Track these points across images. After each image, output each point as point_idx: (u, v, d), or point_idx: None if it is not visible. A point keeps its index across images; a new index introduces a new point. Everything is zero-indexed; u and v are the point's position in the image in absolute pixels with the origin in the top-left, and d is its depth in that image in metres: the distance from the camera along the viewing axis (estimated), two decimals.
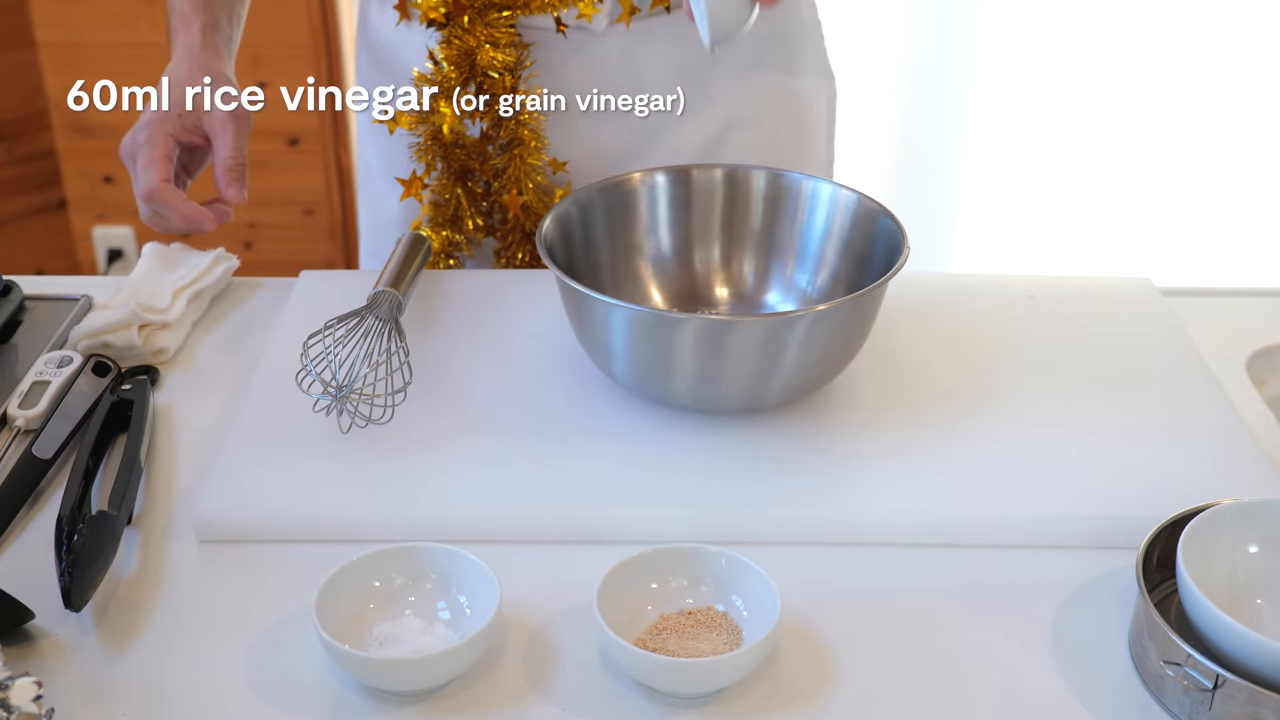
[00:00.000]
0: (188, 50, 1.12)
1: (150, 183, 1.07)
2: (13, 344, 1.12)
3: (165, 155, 1.09)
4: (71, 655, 0.82)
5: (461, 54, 1.16)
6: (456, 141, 1.20)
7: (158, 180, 1.07)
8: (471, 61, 1.16)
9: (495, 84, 1.17)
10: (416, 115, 1.20)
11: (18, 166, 2.66)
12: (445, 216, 1.24)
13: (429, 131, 1.20)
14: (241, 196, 1.11)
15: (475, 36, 1.16)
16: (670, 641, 0.81)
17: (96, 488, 0.95)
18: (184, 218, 1.07)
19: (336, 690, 0.80)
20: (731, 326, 0.96)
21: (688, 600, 0.85)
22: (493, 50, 1.16)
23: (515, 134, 1.19)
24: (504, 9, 1.16)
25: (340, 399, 0.96)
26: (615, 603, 0.81)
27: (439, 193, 1.23)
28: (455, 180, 1.22)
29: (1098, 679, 0.81)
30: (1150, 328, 1.14)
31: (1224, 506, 0.84)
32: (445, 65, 1.17)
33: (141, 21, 2.51)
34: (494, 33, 1.16)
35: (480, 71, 1.17)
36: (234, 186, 1.10)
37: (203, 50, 1.12)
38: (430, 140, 1.20)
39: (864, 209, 1.07)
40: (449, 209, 1.23)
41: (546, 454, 0.97)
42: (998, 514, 0.92)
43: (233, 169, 1.10)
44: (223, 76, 1.12)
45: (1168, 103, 2.57)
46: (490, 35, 1.16)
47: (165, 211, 1.07)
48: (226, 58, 1.15)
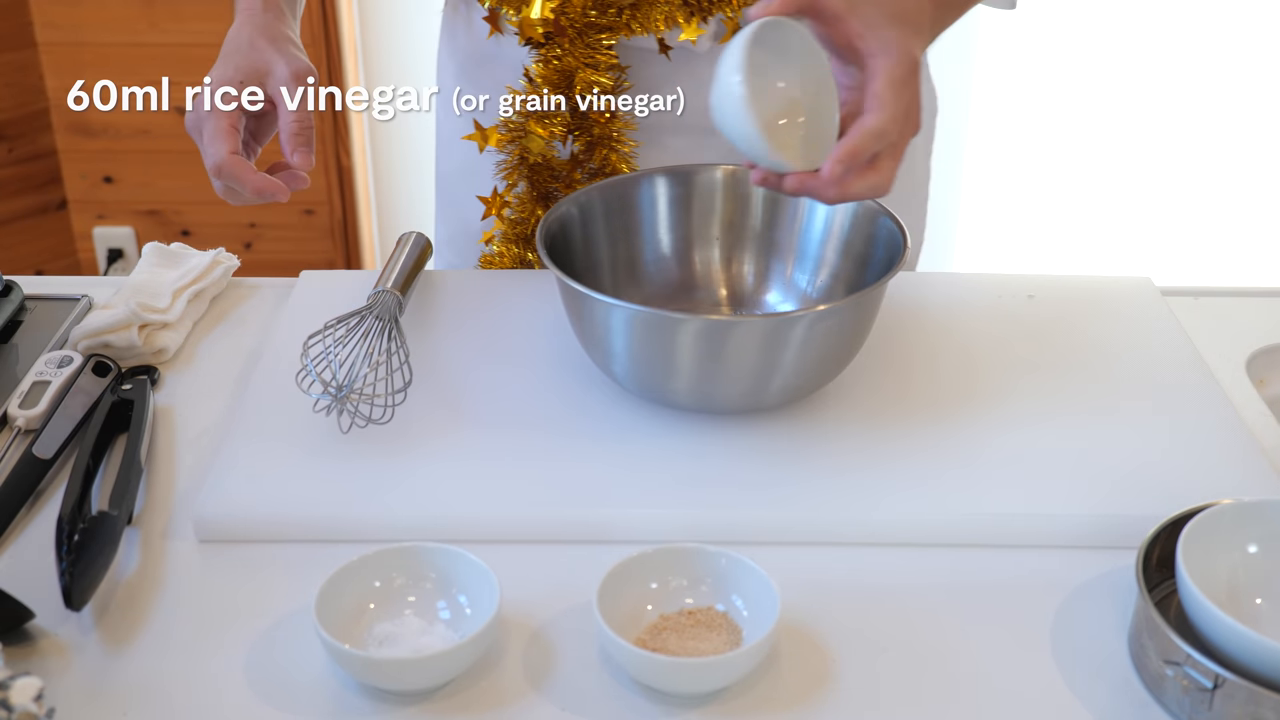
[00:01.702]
0: (249, 13, 1.08)
1: (218, 156, 1.02)
2: (13, 344, 1.12)
3: (231, 125, 1.03)
4: (71, 655, 0.82)
5: (559, 75, 1.14)
6: (545, 163, 1.18)
7: (225, 153, 1.02)
8: (569, 83, 1.14)
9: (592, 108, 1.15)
10: (507, 135, 1.17)
11: (18, 166, 2.66)
12: (521, 234, 1.22)
13: (516, 151, 1.18)
14: (309, 161, 1.05)
15: (575, 58, 1.13)
16: (670, 641, 0.81)
17: (96, 488, 0.95)
18: (255, 190, 1.02)
19: (336, 690, 0.80)
20: (731, 326, 0.96)
21: (688, 600, 0.85)
22: (592, 73, 1.13)
23: (607, 159, 1.17)
24: (606, 30, 1.13)
25: (340, 399, 0.96)
26: (615, 603, 0.81)
27: (518, 210, 1.21)
28: (536, 201, 1.20)
29: (1097, 679, 0.81)
30: (1150, 328, 1.14)
31: (1224, 506, 0.84)
32: (541, 85, 1.15)
33: (141, 21, 2.51)
34: (594, 54, 1.14)
35: (577, 95, 1.14)
36: (300, 151, 1.04)
37: (264, 12, 1.08)
38: (517, 160, 1.18)
39: (864, 209, 1.07)
40: (526, 228, 1.21)
41: (547, 454, 0.97)
42: (998, 514, 0.92)
43: (297, 133, 1.04)
44: (284, 38, 1.07)
45: (1168, 103, 2.57)
46: (590, 57, 1.14)
47: (236, 185, 1.03)
48: (290, 19, 1.11)
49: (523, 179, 1.19)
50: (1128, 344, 1.12)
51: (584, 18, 1.13)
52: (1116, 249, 2.72)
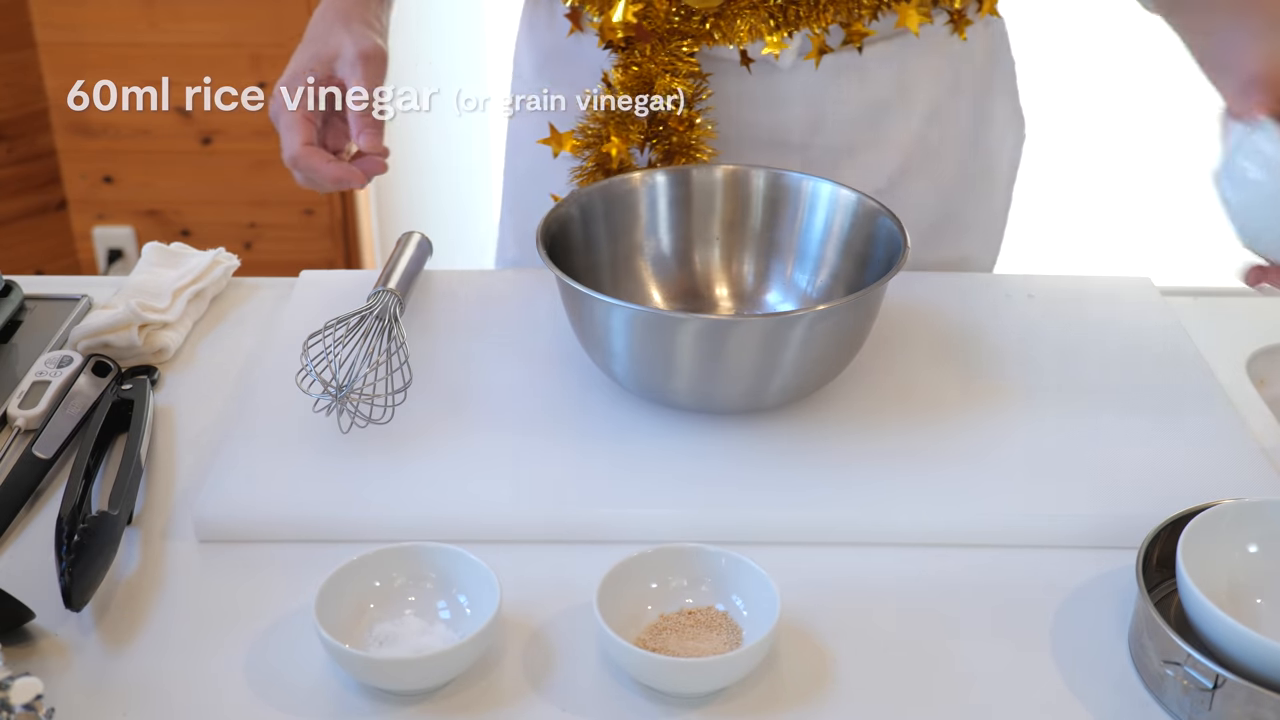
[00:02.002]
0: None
1: (292, 149, 1.03)
2: (13, 344, 1.12)
3: (303, 117, 1.03)
4: (71, 655, 0.82)
5: (638, 80, 1.13)
6: (623, 168, 1.15)
7: (298, 145, 1.02)
8: (648, 89, 1.12)
9: (669, 115, 1.13)
10: (583, 141, 1.15)
11: (18, 166, 2.66)
12: None
13: (594, 158, 1.16)
14: (376, 144, 1.05)
15: (655, 64, 1.12)
16: (670, 641, 0.81)
17: (96, 488, 0.95)
18: (331, 179, 1.03)
19: (336, 690, 0.80)
20: (731, 326, 0.96)
21: (688, 600, 0.85)
22: (672, 79, 1.12)
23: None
24: (688, 37, 1.12)
25: (340, 399, 0.96)
26: (615, 603, 0.81)
27: None
28: None
29: (1098, 679, 0.81)
30: (1150, 328, 1.14)
31: (1224, 506, 0.84)
32: (619, 90, 1.13)
33: (141, 21, 2.51)
34: (675, 61, 1.12)
35: (655, 101, 1.12)
36: (366, 134, 1.04)
37: None
38: (594, 166, 1.16)
39: (864, 209, 1.07)
40: None
41: (546, 454, 0.97)
42: (998, 514, 0.92)
43: (362, 114, 1.04)
44: (358, 18, 1.07)
45: (1168, 103, 2.57)
46: (670, 64, 1.12)
47: (312, 175, 1.03)
48: (375, 3, 1.10)
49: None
50: (1128, 344, 1.12)
51: (667, 23, 1.11)
52: (1116, 249, 2.72)
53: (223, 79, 2.58)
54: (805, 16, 1.11)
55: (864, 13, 1.13)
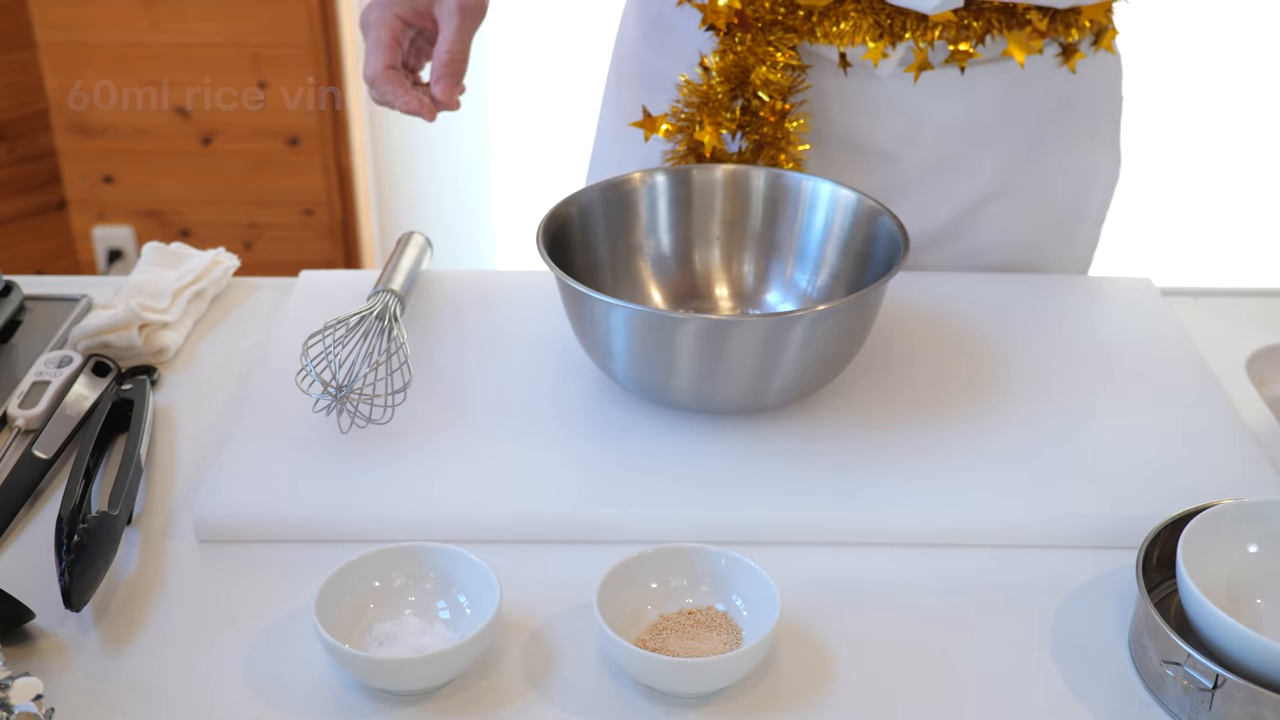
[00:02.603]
0: None
1: (373, 69, 1.05)
2: (13, 344, 1.12)
3: (393, 39, 1.05)
4: (71, 655, 0.82)
5: (736, 68, 1.11)
6: (715, 157, 1.14)
7: (380, 67, 1.04)
8: (744, 77, 1.11)
9: (764, 106, 1.12)
10: (676, 126, 1.14)
11: (18, 166, 2.66)
12: None
13: (685, 142, 1.14)
14: (450, 98, 1.05)
15: (754, 53, 1.10)
16: (670, 641, 0.81)
17: (96, 488, 0.95)
18: (405, 107, 1.05)
19: (336, 690, 0.80)
20: (731, 326, 0.96)
21: (688, 600, 0.85)
22: (769, 70, 1.10)
23: (775, 160, 1.14)
24: (790, 30, 1.11)
25: (340, 399, 0.96)
26: (615, 603, 0.81)
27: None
28: None
29: (1098, 679, 0.81)
30: (1150, 328, 1.14)
31: (1224, 506, 0.84)
32: (715, 77, 1.12)
33: (141, 21, 2.51)
34: (774, 53, 1.10)
35: (751, 90, 1.11)
36: (443, 83, 1.04)
37: None
38: (685, 150, 1.15)
39: (864, 209, 1.07)
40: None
41: (546, 454, 0.97)
42: (998, 514, 0.92)
43: (447, 64, 1.04)
44: None
45: (1167, 103, 2.57)
46: (769, 54, 1.10)
47: (388, 98, 1.05)
48: None
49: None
50: (1128, 344, 1.12)
51: (771, 14, 1.10)
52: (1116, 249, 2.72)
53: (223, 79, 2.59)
54: (911, 29, 1.10)
55: (971, 35, 1.11)
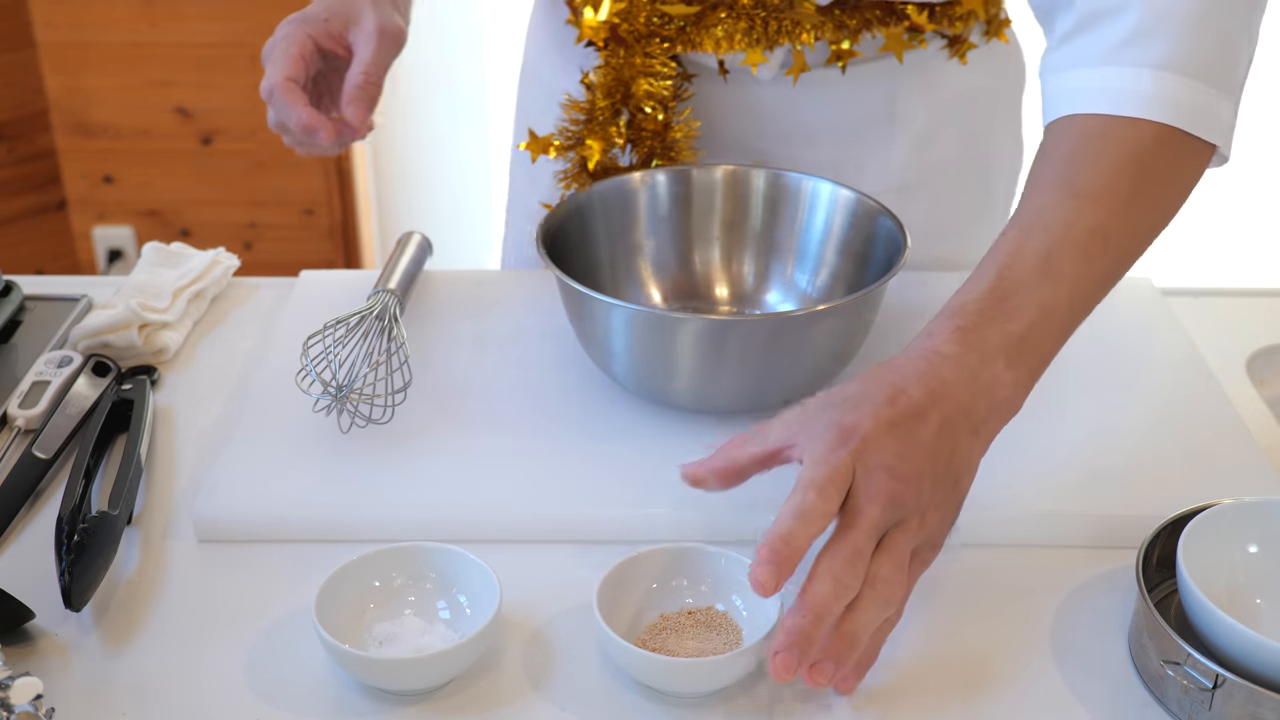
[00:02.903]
0: None
1: (273, 79, 0.98)
2: (13, 344, 1.12)
3: (299, 54, 1.00)
4: (71, 655, 0.82)
5: (616, 82, 1.11)
6: (605, 170, 1.14)
7: (280, 76, 0.98)
8: (626, 90, 1.11)
9: (647, 118, 1.12)
10: (562, 145, 1.14)
11: (18, 166, 2.66)
12: None
13: (576, 160, 1.14)
14: (362, 119, 1.01)
15: (633, 66, 1.10)
16: (670, 641, 0.81)
17: (96, 488, 0.95)
18: (300, 123, 0.97)
19: (336, 690, 0.80)
20: (731, 326, 0.96)
21: (688, 600, 0.85)
22: (649, 82, 1.10)
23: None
24: (666, 40, 1.10)
25: (340, 399, 0.96)
26: (615, 603, 0.81)
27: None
28: None
29: (1098, 679, 0.81)
30: (1150, 328, 1.14)
31: (1224, 506, 0.84)
32: (598, 92, 1.12)
33: (141, 21, 2.51)
34: (652, 63, 1.10)
35: (635, 103, 1.11)
36: (355, 105, 0.99)
37: None
38: (577, 169, 1.15)
39: (864, 209, 1.07)
40: None
41: (546, 454, 0.97)
42: (998, 514, 0.92)
43: (362, 85, 0.99)
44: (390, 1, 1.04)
45: None
46: (649, 66, 1.10)
47: (283, 112, 0.98)
48: None
49: (586, 186, 1.15)
50: (1128, 344, 1.12)
51: (646, 26, 1.10)
52: None
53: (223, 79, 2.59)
54: (786, 32, 1.09)
55: (847, 34, 1.10)
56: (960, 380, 0.77)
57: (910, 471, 0.74)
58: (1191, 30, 0.86)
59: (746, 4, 1.08)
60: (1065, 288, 0.81)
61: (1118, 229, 0.84)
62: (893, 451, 0.74)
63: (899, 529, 0.74)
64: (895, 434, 0.75)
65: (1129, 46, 0.86)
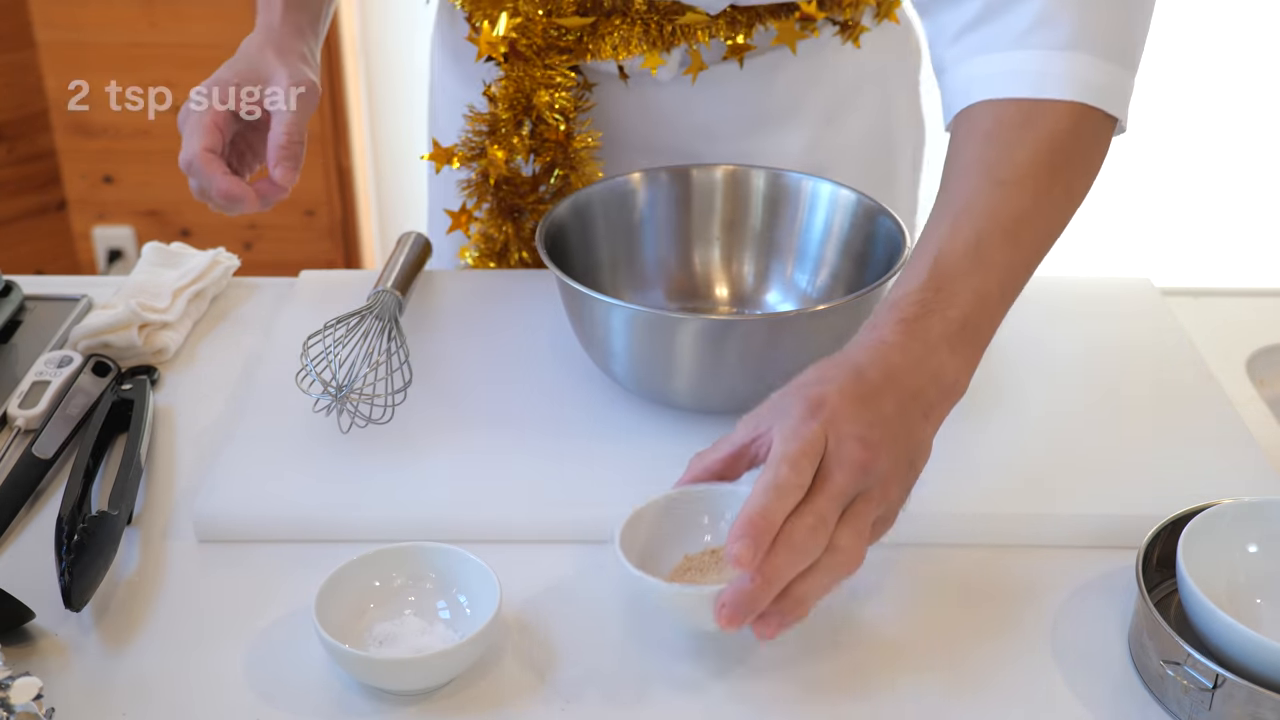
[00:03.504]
0: (266, 27, 1.06)
1: (190, 151, 0.99)
2: (13, 344, 1.12)
3: (214, 124, 1.00)
4: (71, 655, 0.82)
5: (518, 94, 1.12)
6: (507, 180, 1.16)
7: (198, 148, 0.99)
8: (527, 103, 1.12)
9: (550, 129, 1.13)
10: (465, 155, 1.15)
11: (18, 166, 2.66)
12: (493, 250, 1.21)
13: (479, 169, 1.16)
14: (291, 178, 1.02)
15: (533, 78, 1.11)
16: (697, 581, 0.81)
17: (96, 488, 0.95)
18: (222, 192, 0.99)
19: (336, 690, 0.80)
20: (731, 326, 0.96)
21: (706, 538, 0.84)
22: (550, 93, 1.11)
23: (566, 180, 1.15)
24: (565, 52, 1.11)
25: (340, 399, 0.96)
26: (637, 546, 0.80)
27: (487, 226, 1.20)
28: (504, 217, 1.19)
29: (1098, 679, 0.81)
30: (1150, 328, 1.14)
31: (1224, 506, 0.84)
32: (501, 104, 1.13)
33: (141, 21, 2.51)
34: (552, 75, 1.11)
35: (536, 114, 1.13)
36: (283, 165, 1.01)
37: (281, 26, 1.06)
38: (479, 178, 1.17)
39: (864, 209, 1.07)
40: (497, 244, 1.20)
41: (546, 454, 0.97)
42: (998, 514, 0.92)
43: (285, 146, 1.01)
44: (293, 52, 1.05)
45: (1167, 103, 2.57)
46: (548, 77, 1.11)
47: (205, 182, 1.00)
48: (310, 37, 1.08)
49: (488, 196, 1.18)
50: (1128, 344, 1.12)
51: (543, 39, 1.11)
52: (1116, 249, 2.72)
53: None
54: (681, 33, 1.11)
55: (740, 30, 1.12)
56: (909, 366, 0.80)
57: (879, 440, 0.76)
58: (1093, 11, 0.89)
59: (640, 8, 1.10)
60: (995, 275, 0.85)
61: (1041, 212, 0.87)
62: (863, 420, 0.76)
63: (862, 499, 0.76)
64: (863, 405, 0.77)
65: (1034, 31, 0.89)
